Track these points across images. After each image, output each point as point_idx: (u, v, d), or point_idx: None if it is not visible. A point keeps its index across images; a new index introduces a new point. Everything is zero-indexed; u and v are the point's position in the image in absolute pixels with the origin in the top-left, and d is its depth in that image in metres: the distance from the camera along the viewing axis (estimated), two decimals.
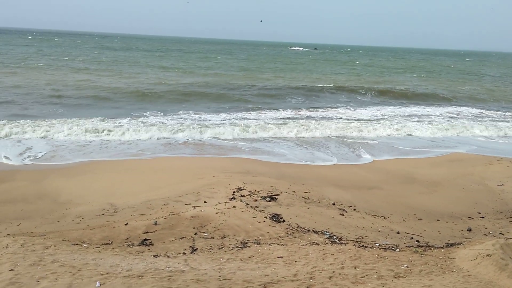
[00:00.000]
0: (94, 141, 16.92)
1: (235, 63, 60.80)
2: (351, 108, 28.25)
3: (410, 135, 20.95)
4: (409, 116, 26.33)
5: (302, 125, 20.92)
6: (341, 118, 24.41)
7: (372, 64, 77.42)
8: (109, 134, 17.81)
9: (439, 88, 40.96)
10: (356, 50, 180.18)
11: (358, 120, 23.95)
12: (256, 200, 9.90)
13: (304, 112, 25.68)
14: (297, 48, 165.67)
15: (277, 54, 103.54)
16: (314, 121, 22.56)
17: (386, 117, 25.52)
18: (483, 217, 10.29)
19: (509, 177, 13.44)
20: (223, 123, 21.05)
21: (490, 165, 15.04)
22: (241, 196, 10.17)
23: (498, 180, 13.20)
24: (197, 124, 20.47)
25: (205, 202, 9.72)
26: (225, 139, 18.26)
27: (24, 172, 12.66)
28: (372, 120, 24.05)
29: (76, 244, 7.23)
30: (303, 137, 19.41)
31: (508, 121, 25.78)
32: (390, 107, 29.90)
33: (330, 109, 27.47)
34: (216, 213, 8.75)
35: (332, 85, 38.09)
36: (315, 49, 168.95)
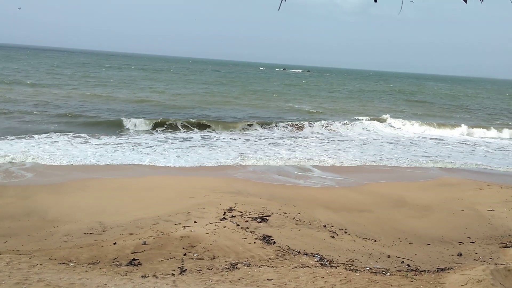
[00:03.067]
0: None
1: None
2: None
3: None
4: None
5: None
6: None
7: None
8: None
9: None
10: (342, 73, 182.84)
11: None
12: (246, 221, 9.83)
13: None
14: (297, 70, 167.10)
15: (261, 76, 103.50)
16: None
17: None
18: (473, 242, 10.29)
19: (499, 202, 13.50)
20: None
21: (480, 190, 15.11)
22: (232, 216, 10.11)
23: (488, 205, 13.24)
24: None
25: (195, 222, 9.63)
26: None
27: (13, 188, 12.51)
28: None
29: (63, 263, 7.10)
30: None
31: None
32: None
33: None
34: (206, 233, 8.67)
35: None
36: (308, 71, 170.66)
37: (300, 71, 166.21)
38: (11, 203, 11.31)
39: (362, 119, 32.53)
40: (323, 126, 28.52)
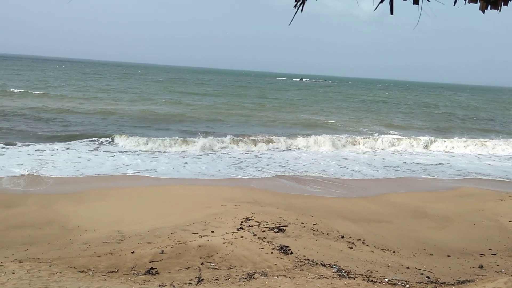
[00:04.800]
0: None
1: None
2: None
3: None
4: None
5: None
6: None
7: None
8: None
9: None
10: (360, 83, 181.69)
11: None
12: (264, 231, 9.81)
13: None
14: (305, 79, 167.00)
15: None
16: None
17: None
18: (494, 254, 10.08)
19: None
20: None
21: (502, 201, 14.83)
22: (249, 226, 10.10)
23: (510, 216, 12.97)
24: None
25: (212, 231, 9.65)
26: None
27: (34, 197, 12.73)
28: None
29: (82, 271, 7.18)
30: None
31: None
32: None
33: None
34: (223, 243, 8.67)
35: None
36: (325, 80, 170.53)
37: (321, 81, 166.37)
38: (32, 211, 11.51)
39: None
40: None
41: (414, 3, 3.20)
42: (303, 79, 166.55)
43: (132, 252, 8.23)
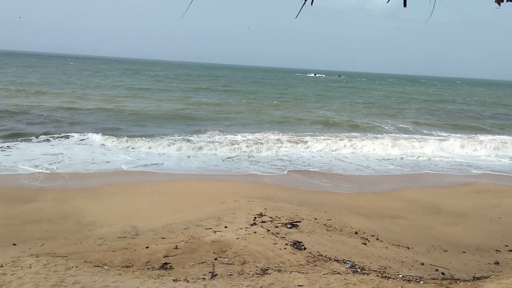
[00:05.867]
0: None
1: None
2: None
3: None
4: None
5: None
6: None
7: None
8: None
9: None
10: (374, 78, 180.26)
11: None
12: (277, 227, 9.82)
13: None
14: (318, 75, 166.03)
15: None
16: None
17: None
18: (511, 250, 9.95)
19: None
20: None
21: None
22: (262, 222, 10.11)
23: None
24: None
25: (225, 227, 9.69)
26: None
27: (50, 192, 12.90)
28: None
29: (98, 266, 7.27)
30: None
31: None
32: None
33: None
34: (237, 238, 8.70)
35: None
36: (339, 76, 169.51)
37: (338, 76, 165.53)
38: (48, 207, 11.67)
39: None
40: None
41: None
42: (317, 75, 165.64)
43: (147, 247, 8.30)
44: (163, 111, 33.46)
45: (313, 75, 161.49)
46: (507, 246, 10.24)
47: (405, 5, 3.21)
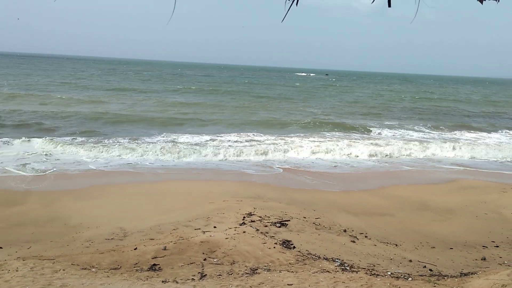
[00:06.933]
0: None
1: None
2: None
3: None
4: None
5: None
6: None
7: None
8: None
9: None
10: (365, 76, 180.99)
11: None
12: (266, 226, 9.82)
13: None
14: (305, 74, 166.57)
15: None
16: None
17: None
18: (497, 246, 10.07)
19: None
20: None
21: (504, 192, 14.80)
22: (251, 221, 10.11)
23: None
24: None
25: (215, 227, 9.66)
26: None
27: (36, 194, 12.74)
28: None
29: (85, 269, 7.20)
30: None
31: None
32: None
33: None
34: (226, 238, 8.68)
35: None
36: (326, 75, 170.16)
37: (326, 75, 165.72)
38: (34, 209, 11.53)
39: None
40: None
41: None
42: (307, 74, 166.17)
43: (135, 249, 8.24)
44: (131, 114, 31.71)
45: (304, 74, 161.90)
46: (493, 242, 10.36)
47: (389, 5, 3.21)
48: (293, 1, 3.29)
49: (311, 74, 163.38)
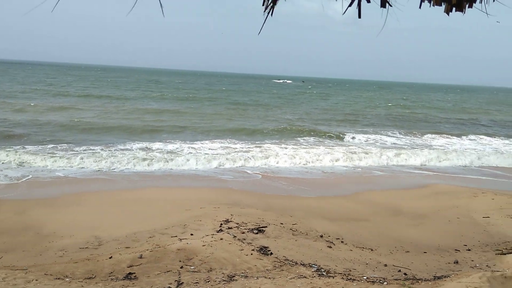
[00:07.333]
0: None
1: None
2: None
3: None
4: None
5: None
6: None
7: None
8: None
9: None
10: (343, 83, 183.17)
11: None
12: (243, 232, 9.82)
13: None
14: (282, 80, 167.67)
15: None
16: None
17: None
18: (469, 250, 10.31)
19: (494, 209, 13.55)
20: None
21: (475, 197, 15.16)
22: (229, 228, 10.09)
23: (484, 212, 13.29)
24: None
25: (191, 234, 9.61)
26: None
27: (8, 203, 12.44)
28: None
29: (59, 278, 7.06)
30: None
31: None
32: None
33: None
34: (203, 245, 8.64)
35: None
36: (303, 82, 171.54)
37: (302, 82, 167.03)
38: (6, 218, 11.24)
39: None
40: None
41: (381, 6, 3.26)
42: (283, 80, 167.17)
43: (110, 258, 8.12)
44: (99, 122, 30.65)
45: (281, 81, 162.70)
46: (465, 245, 10.60)
47: (359, 16, 3.29)
48: (268, 13, 3.33)
49: (288, 81, 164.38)
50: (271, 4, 3.33)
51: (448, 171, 20.84)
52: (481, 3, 3.40)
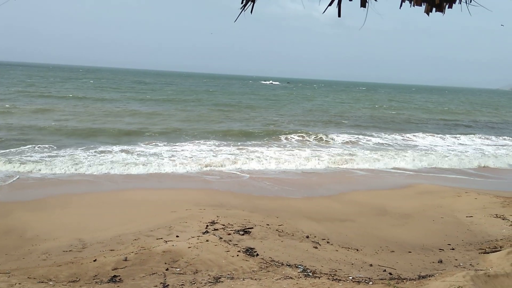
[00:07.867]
0: None
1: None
2: None
3: None
4: None
5: None
6: None
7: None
8: None
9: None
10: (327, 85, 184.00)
11: None
12: (229, 234, 9.79)
13: None
14: (269, 82, 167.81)
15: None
16: None
17: None
18: (453, 249, 10.43)
19: (477, 208, 13.74)
20: None
21: (459, 197, 15.35)
22: (215, 229, 10.06)
23: (467, 211, 13.46)
24: None
25: (177, 236, 9.55)
26: None
27: None
28: None
29: (42, 282, 6.96)
30: None
31: None
32: None
33: None
34: (189, 247, 8.60)
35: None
36: (288, 83, 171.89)
37: (287, 83, 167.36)
38: None
39: None
40: None
41: (361, 6, 3.28)
42: (271, 82, 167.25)
43: (94, 260, 8.03)
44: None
45: (267, 82, 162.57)
46: (449, 244, 10.73)
47: (339, 15, 3.31)
48: (244, 5, 3.32)
49: (274, 82, 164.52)
50: (251, 2, 3.32)
51: (432, 171, 21.08)
52: (460, 3, 3.44)
